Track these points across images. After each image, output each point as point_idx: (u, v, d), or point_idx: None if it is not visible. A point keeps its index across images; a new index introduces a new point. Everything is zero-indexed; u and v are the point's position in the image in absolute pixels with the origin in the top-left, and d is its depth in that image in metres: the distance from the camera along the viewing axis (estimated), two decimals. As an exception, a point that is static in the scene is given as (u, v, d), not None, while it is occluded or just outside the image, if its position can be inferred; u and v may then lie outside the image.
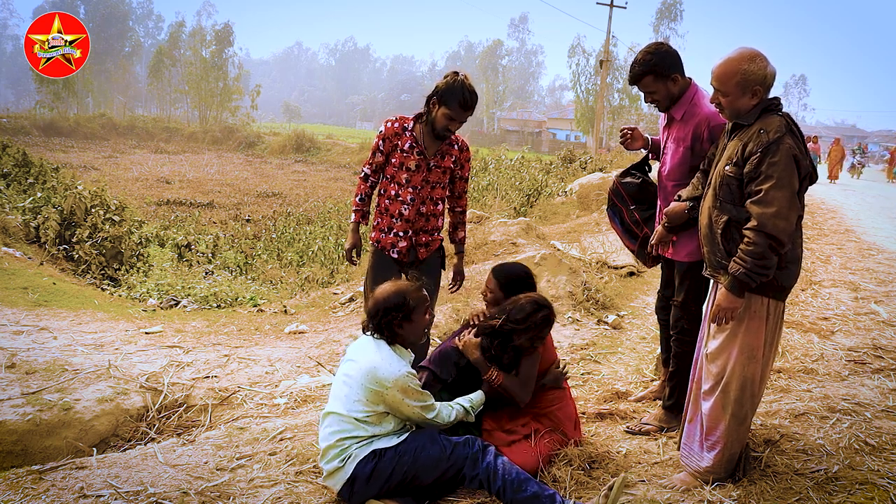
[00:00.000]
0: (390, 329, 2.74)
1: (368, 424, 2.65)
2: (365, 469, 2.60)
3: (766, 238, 2.41)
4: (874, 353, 4.24)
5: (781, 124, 2.49)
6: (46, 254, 9.00)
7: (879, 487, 2.55)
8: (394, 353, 2.73)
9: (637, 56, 3.21)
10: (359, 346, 2.83)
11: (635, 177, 3.57)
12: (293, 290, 9.36)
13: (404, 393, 2.61)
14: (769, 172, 2.42)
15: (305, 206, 19.34)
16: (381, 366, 2.63)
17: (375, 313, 2.75)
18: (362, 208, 3.68)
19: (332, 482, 2.67)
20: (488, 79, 74.61)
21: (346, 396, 2.68)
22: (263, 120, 71.34)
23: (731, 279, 2.49)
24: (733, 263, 2.50)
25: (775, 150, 2.43)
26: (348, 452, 2.63)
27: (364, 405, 2.64)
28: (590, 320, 5.61)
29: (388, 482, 2.60)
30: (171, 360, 4.59)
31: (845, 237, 9.02)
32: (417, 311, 2.77)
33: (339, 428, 2.66)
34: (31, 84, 57.65)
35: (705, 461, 2.70)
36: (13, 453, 3.36)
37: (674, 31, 58.23)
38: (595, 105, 43.99)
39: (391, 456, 2.62)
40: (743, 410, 2.64)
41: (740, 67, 2.52)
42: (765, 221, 2.41)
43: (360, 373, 2.66)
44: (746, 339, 2.60)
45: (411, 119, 3.55)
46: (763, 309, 2.59)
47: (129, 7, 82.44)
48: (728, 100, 2.57)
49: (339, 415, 2.68)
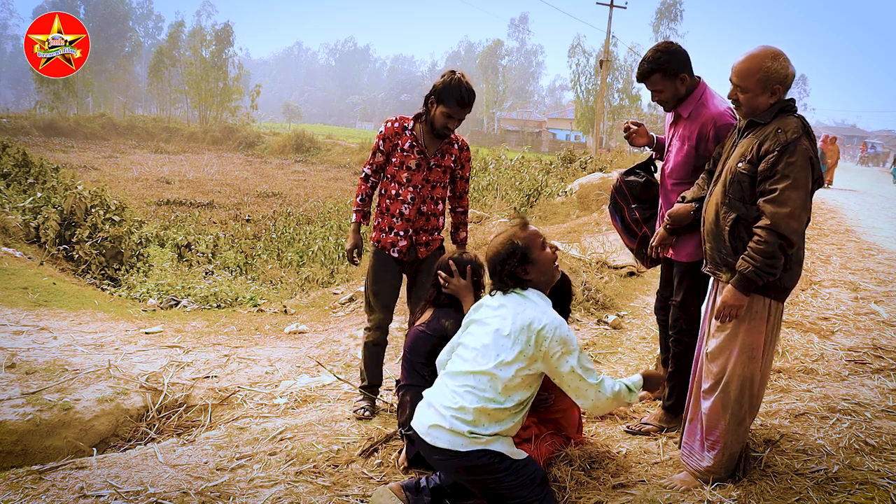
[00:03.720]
0: (516, 279, 2.55)
1: (514, 391, 2.43)
2: (480, 459, 2.40)
3: (778, 238, 2.41)
4: (874, 353, 4.24)
5: (799, 125, 2.48)
6: (46, 254, 9.00)
7: (879, 487, 2.54)
8: (541, 300, 2.53)
9: (647, 53, 3.20)
10: (491, 306, 2.58)
11: (639, 176, 3.56)
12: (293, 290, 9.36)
13: (563, 345, 2.40)
14: (786, 172, 2.41)
15: (305, 206, 19.33)
16: (533, 319, 2.42)
17: (494, 271, 2.58)
18: (363, 208, 3.68)
19: (431, 433, 2.46)
20: (488, 79, 74.59)
21: (494, 356, 2.44)
22: (263, 120, 71.36)
23: (740, 276, 2.48)
24: (742, 261, 2.49)
25: (793, 150, 2.42)
26: (480, 429, 2.42)
27: (513, 367, 2.42)
28: (590, 320, 5.61)
29: (480, 485, 2.44)
30: (171, 360, 4.59)
31: (845, 237, 9.02)
32: (533, 250, 2.57)
33: (479, 387, 2.43)
34: (31, 84, 57.69)
35: (706, 461, 2.70)
36: (13, 453, 3.37)
37: (674, 31, 58.15)
38: (595, 105, 43.99)
39: (507, 467, 2.42)
40: (742, 410, 2.64)
41: (763, 65, 2.50)
42: (778, 221, 2.40)
43: (511, 327, 2.43)
44: (747, 338, 2.60)
45: (411, 119, 3.55)
46: (764, 309, 2.59)
47: (129, 7, 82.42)
48: (747, 96, 2.55)
49: (483, 374, 2.44)
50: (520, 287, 2.58)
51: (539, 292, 2.60)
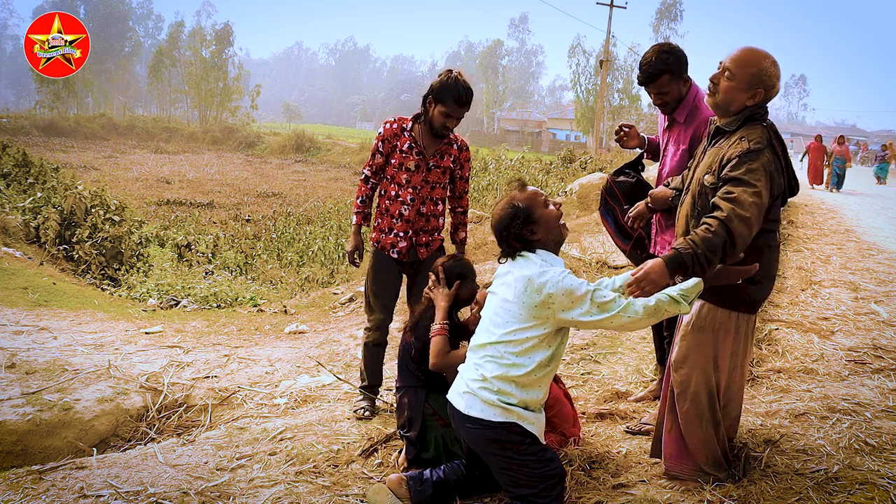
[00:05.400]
0: (523, 241, 2.52)
1: (532, 352, 2.42)
2: (511, 435, 2.40)
3: (727, 234, 2.29)
4: (874, 353, 4.24)
5: (763, 136, 2.42)
6: (46, 254, 9.00)
7: (879, 487, 2.54)
8: (549, 258, 2.52)
9: (649, 56, 3.13)
10: (500, 275, 2.59)
11: (629, 176, 3.51)
12: (293, 290, 9.37)
13: (569, 296, 2.35)
14: (745, 178, 2.34)
15: (305, 206, 19.35)
16: (534, 273, 2.41)
17: (501, 238, 2.57)
18: (363, 210, 3.68)
19: (465, 399, 2.47)
20: (488, 79, 74.62)
21: (504, 322, 2.44)
22: (263, 120, 71.37)
23: (675, 254, 2.32)
24: (684, 241, 2.34)
25: (755, 158, 2.36)
26: (508, 398, 2.41)
27: (525, 329, 2.41)
28: (590, 320, 5.60)
29: (502, 460, 2.42)
30: (171, 360, 4.60)
31: (845, 237, 9.02)
32: (536, 209, 2.54)
33: (497, 355, 2.43)
34: (31, 84, 57.72)
35: (694, 464, 2.69)
36: (13, 453, 3.37)
37: (674, 31, 58.23)
38: (595, 105, 44.00)
39: (534, 452, 2.42)
40: (717, 416, 2.62)
41: (761, 63, 2.45)
42: (733, 218, 2.29)
43: (514, 292, 2.42)
44: (709, 349, 2.57)
45: (410, 119, 3.55)
46: (731, 322, 2.55)
47: (129, 7, 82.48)
48: (731, 84, 2.47)
49: (498, 342, 2.44)
50: (527, 249, 2.55)
51: (547, 252, 2.57)
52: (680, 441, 2.71)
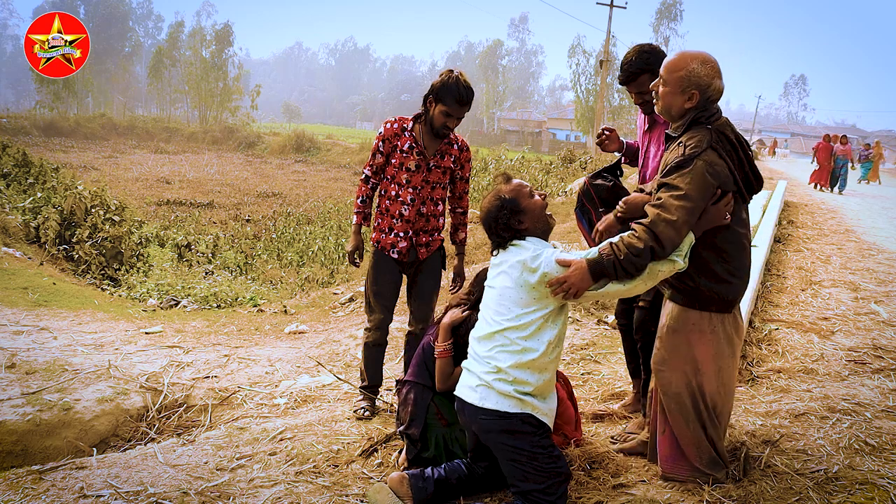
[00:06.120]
0: (512, 231, 2.58)
1: (540, 333, 2.44)
2: (524, 425, 2.43)
3: (653, 238, 2.33)
4: (874, 353, 4.24)
5: (704, 139, 2.42)
6: (46, 254, 9.01)
7: (879, 487, 2.55)
8: (538, 243, 2.57)
9: (629, 56, 3.17)
10: (494, 265, 2.63)
11: (607, 179, 3.48)
12: (293, 290, 9.37)
13: (565, 270, 2.40)
14: (676, 183, 2.37)
15: (305, 206, 19.35)
16: (527, 257, 2.46)
17: (490, 230, 2.63)
18: (364, 210, 3.69)
19: (480, 390, 2.48)
20: (488, 79, 74.62)
21: (507, 309, 2.47)
22: (263, 120, 71.39)
23: (598, 258, 2.37)
24: (608, 245, 2.39)
25: (687, 163, 2.38)
26: (523, 386, 2.44)
27: (530, 311, 2.44)
28: (589, 320, 5.61)
29: (512, 451, 2.43)
30: (171, 360, 4.60)
31: (845, 237, 9.03)
32: (522, 199, 2.60)
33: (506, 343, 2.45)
34: (31, 84, 57.69)
35: (690, 464, 2.69)
36: (13, 453, 3.37)
37: (674, 31, 58.28)
38: (595, 105, 44.02)
39: (545, 446, 2.45)
40: (702, 418, 2.62)
41: (688, 65, 2.48)
42: (657, 222, 2.34)
43: (512, 278, 2.48)
44: (688, 352, 2.57)
45: (410, 119, 3.55)
46: (704, 322, 2.55)
47: (129, 7, 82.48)
48: (665, 91, 2.53)
49: (506, 330, 2.46)
50: (517, 238, 2.59)
51: (536, 238, 2.61)
52: (674, 442, 2.71)
